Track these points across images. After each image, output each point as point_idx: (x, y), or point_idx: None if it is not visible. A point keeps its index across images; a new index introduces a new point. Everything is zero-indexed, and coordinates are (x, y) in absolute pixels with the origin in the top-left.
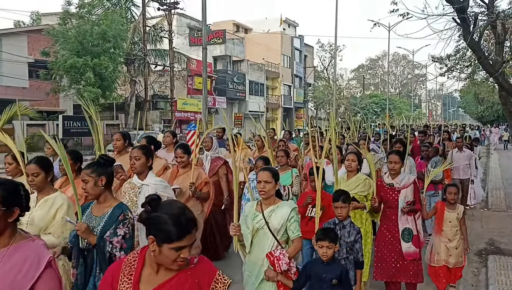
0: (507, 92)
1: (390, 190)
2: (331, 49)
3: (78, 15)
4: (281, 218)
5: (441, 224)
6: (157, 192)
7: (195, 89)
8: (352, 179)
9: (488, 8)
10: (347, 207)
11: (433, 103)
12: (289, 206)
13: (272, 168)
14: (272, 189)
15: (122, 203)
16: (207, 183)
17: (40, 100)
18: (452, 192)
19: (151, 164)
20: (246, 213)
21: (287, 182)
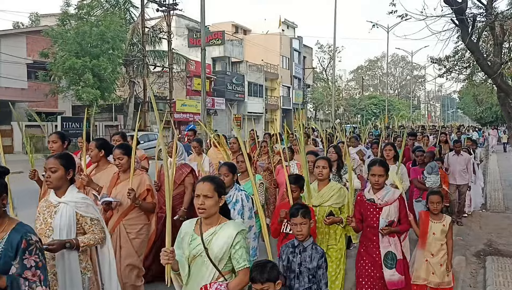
0: (505, 93)
1: (371, 206)
2: (330, 50)
3: (77, 16)
4: (224, 243)
5: (425, 237)
6: (78, 212)
7: (194, 90)
8: (324, 189)
9: (486, 10)
10: (308, 223)
11: (432, 104)
12: (235, 228)
13: (215, 179)
14: (214, 205)
15: (21, 225)
16: (150, 191)
17: (38, 101)
18: (435, 201)
19: (72, 177)
20: (182, 234)
21: (250, 191)
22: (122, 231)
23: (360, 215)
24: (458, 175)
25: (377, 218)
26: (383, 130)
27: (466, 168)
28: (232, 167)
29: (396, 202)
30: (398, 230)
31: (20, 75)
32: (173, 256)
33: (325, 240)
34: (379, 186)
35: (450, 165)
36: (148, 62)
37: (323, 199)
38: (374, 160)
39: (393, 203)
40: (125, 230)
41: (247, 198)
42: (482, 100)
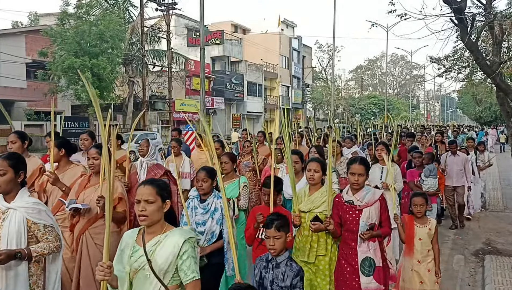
0: (504, 93)
1: (350, 208)
2: (329, 49)
3: (76, 16)
4: (169, 253)
5: (411, 243)
6: (29, 219)
7: (193, 90)
8: (316, 194)
9: (485, 9)
10: (283, 237)
11: (431, 104)
12: (181, 236)
13: (157, 181)
14: (157, 211)
15: None
16: (121, 200)
17: (38, 101)
18: (418, 203)
19: (24, 180)
20: (122, 246)
21: (233, 194)
22: (88, 240)
23: (338, 218)
24: (455, 176)
25: (357, 221)
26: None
27: (463, 169)
28: (211, 172)
29: (377, 203)
30: (380, 233)
31: (19, 74)
32: (110, 272)
33: (314, 249)
34: (358, 186)
35: (447, 166)
36: (147, 61)
37: (314, 205)
38: (354, 158)
39: (374, 204)
40: (92, 240)
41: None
42: (481, 100)
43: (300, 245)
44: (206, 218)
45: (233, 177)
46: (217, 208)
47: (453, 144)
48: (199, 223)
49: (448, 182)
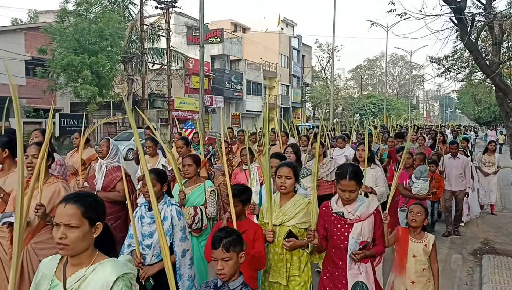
0: (503, 93)
1: (339, 221)
2: (329, 49)
3: (75, 13)
4: None
5: (404, 260)
6: None
7: (192, 88)
8: (288, 204)
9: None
10: (234, 259)
11: (430, 104)
12: (113, 270)
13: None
14: (82, 239)
15: None
16: None
17: (36, 98)
18: (415, 211)
19: None
20: (38, 277)
21: (199, 201)
22: (32, 255)
23: (324, 230)
24: (454, 180)
25: (346, 237)
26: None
27: (463, 173)
28: (160, 175)
29: (371, 217)
30: (373, 253)
31: (18, 71)
32: None
33: (285, 269)
34: (351, 201)
35: (445, 169)
36: (146, 59)
37: (286, 217)
38: (342, 171)
39: (368, 218)
40: (36, 256)
41: (179, 215)
42: (481, 100)
43: (271, 264)
44: (154, 229)
45: (197, 181)
46: (166, 217)
47: (454, 144)
48: (146, 234)
49: (447, 186)
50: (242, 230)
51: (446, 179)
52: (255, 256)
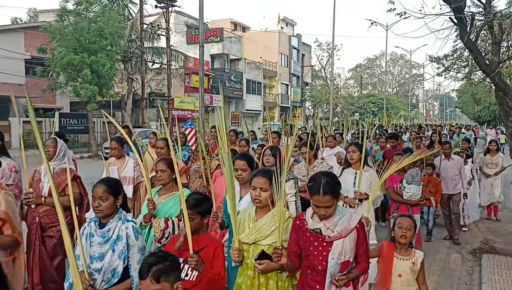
0: (503, 92)
1: (315, 239)
2: (329, 48)
3: (75, 12)
4: None
5: (388, 279)
6: None
7: (192, 87)
8: (264, 219)
9: (485, 8)
10: None
11: (430, 103)
12: None
13: None
14: None
15: None
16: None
17: (36, 97)
18: (404, 226)
19: None
20: None
21: (173, 212)
22: None
23: (298, 248)
24: (451, 182)
25: (325, 257)
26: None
27: (459, 174)
28: (112, 186)
29: (353, 233)
30: (357, 274)
31: (18, 70)
32: None
33: None
34: (328, 217)
35: (441, 171)
36: (146, 58)
37: (261, 235)
38: (314, 185)
39: (349, 234)
40: None
41: (136, 233)
42: (480, 99)
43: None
44: (105, 249)
45: (173, 189)
46: (121, 236)
47: (446, 144)
48: (95, 256)
49: (443, 189)
50: (200, 247)
51: (442, 182)
52: (213, 278)
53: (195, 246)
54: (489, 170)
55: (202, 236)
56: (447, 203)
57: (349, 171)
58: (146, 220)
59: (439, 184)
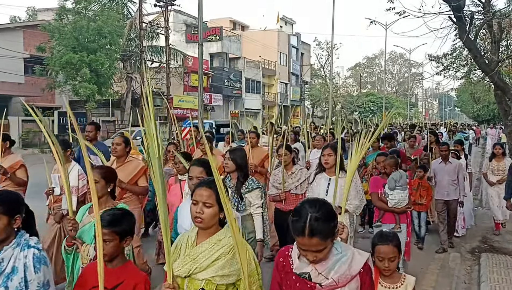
0: (502, 91)
1: (303, 285)
2: (328, 47)
3: (74, 11)
4: None
5: None
6: None
7: (191, 86)
8: (205, 244)
9: (484, 7)
10: None
11: (429, 102)
12: None
13: None
14: None
15: None
16: None
17: (35, 96)
18: (385, 256)
19: None
20: None
21: None
22: None
23: None
24: (447, 188)
25: None
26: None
27: (456, 179)
28: (4, 202)
29: (355, 281)
30: None
31: (17, 69)
32: None
33: None
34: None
35: (436, 175)
36: (145, 57)
37: (196, 265)
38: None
39: (350, 282)
40: None
41: (38, 263)
42: (479, 98)
43: None
44: None
45: (107, 204)
46: (16, 268)
47: (444, 146)
48: None
49: (438, 195)
50: (116, 282)
51: (436, 188)
52: None
53: (108, 282)
54: (495, 177)
55: (120, 268)
56: (443, 210)
57: (322, 176)
58: (69, 243)
59: (430, 189)
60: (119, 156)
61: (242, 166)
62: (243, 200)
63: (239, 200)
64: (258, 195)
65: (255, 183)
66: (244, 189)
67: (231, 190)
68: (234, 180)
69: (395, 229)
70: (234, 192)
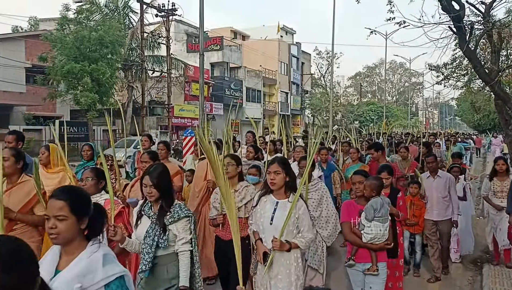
0: (502, 101)
1: None
2: (328, 56)
3: (76, 21)
4: None
5: None
6: None
7: (192, 95)
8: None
9: (484, 17)
10: None
11: (430, 111)
12: None
13: None
14: None
15: None
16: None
17: (37, 105)
18: None
19: None
20: None
21: None
22: None
23: None
24: (436, 206)
25: None
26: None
27: (448, 196)
28: None
29: None
30: None
31: (19, 79)
32: None
33: None
34: None
35: (425, 192)
36: (146, 67)
37: None
38: None
39: None
40: None
41: None
42: (480, 108)
43: None
44: None
45: None
46: None
47: (430, 157)
48: None
49: (427, 215)
50: None
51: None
52: None
53: None
54: (499, 201)
55: None
56: (433, 232)
57: (268, 199)
58: None
59: (424, 207)
60: (7, 175)
61: (165, 190)
62: (166, 233)
63: (161, 234)
64: (186, 226)
65: (183, 210)
66: (168, 218)
67: (151, 219)
68: (155, 208)
69: (370, 270)
70: (155, 222)
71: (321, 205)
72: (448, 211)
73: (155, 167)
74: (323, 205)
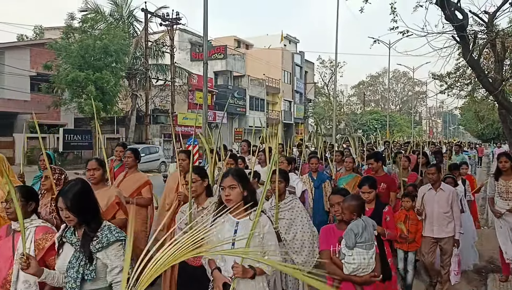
0: (506, 110)
1: None
2: (332, 65)
3: (81, 30)
4: None
5: None
6: None
7: (195, 104)
8: None
9: (487, 27)
10: None
11: (433, 120)
12: None
13: None
14: None
15: None
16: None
17: (41, 113)
18: None
19: None
20: None
21: None
22: None
23: None
24: (437, 221)
25: None
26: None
27: (450, 211)
28: None
29: None
30: None
31: (23, 87)
32: None
33: None
34: None
35: (424, 206)
36: (150, 75)
37: None
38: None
39: None
40: None
41: None
42: (484, 117)
43: None
44: None
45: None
46: None
47: (432, 167)
48: None
49: (427, 231)
50: None
51: (426, 222)
52: None
53: None
54: (505, 204)
55: None
56: (431, 249)
57: (227, 219)
58: None
59: (420, 223)
60: None
61: (84, 212)
62: (93, 262)
63: (86, 264)
64: (119, 252)
65: (114, 233)
66: (95, 245)
67: (75, 247)
68: (79, 233)
69: None
70: (79, 250)
71: (295, 226)
72: (450, 227)
73: (70, 185)
74: (297, 227)
